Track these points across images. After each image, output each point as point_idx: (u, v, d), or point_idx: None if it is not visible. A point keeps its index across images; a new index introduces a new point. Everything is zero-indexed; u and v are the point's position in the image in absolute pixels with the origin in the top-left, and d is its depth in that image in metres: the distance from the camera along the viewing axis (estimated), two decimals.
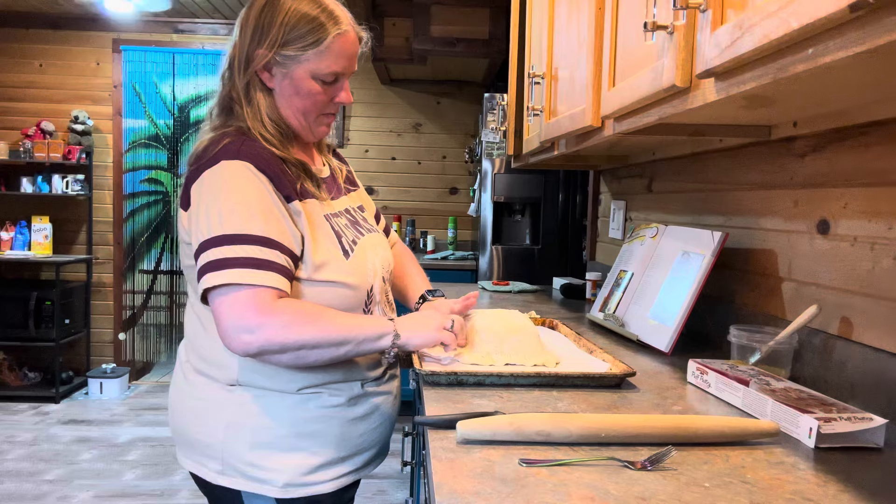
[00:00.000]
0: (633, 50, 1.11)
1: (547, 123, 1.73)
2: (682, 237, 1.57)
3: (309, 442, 1.10)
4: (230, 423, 1.09)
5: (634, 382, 1.19)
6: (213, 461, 1.10)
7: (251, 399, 1.09)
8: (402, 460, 1.74)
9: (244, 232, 1.00)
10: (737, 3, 0.76)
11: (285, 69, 1.09)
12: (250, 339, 0.97)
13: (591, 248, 2.75)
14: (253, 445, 1.08)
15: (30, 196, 4.48)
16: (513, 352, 1.23)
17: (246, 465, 1.08)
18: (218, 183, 1.03)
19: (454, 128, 4.78)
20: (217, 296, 1.00)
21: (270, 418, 1.08)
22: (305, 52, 1.08)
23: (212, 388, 1.11)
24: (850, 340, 1.10)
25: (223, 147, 1.05)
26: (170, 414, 1.19)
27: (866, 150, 1.08)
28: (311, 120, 1.15)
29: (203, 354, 1.13)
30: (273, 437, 1.08)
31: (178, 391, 1.17)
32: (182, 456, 1.17)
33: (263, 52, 1.08)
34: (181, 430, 1.15)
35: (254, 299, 0.98)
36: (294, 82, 1.10)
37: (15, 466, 3.23)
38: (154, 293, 4.75)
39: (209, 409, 1.11)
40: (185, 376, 1.16)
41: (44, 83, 4.59)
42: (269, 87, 1.11)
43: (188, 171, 1.08)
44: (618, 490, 0.73)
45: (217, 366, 1.10)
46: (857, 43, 0.58)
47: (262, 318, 0.97)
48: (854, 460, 0.85)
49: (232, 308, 0.98)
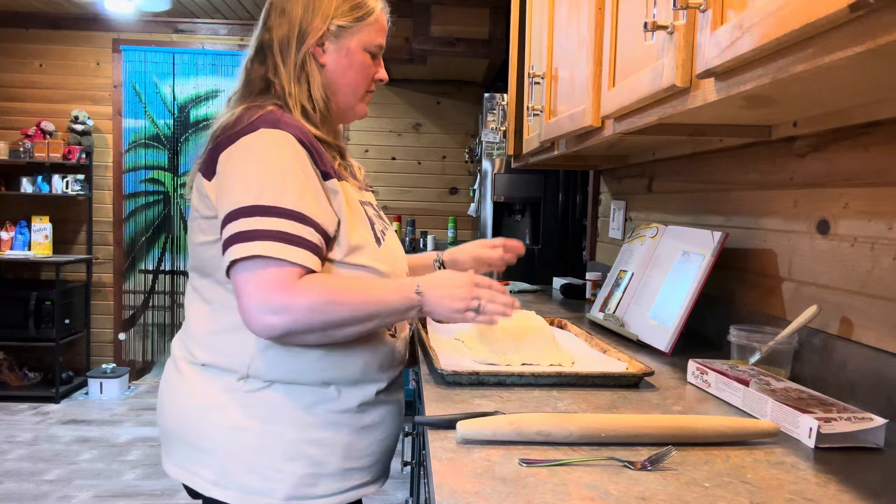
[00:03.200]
0: (633, 50, 1.11)
1: (547, 123, 1.73)
2: (682, 237, 1.56)
3: (316, 449, 1.04)
4: (233, 425, 1.02)
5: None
6: (208, 469, 1.03)
7: (258, 400, 1.03)
8: (402, 460, 1.74)
9: (278, 204, 0.95)
10: (737, 3, 0.76)
11: (339, 41, 1.10)
12: (275, 320, 0.92)
13: (591, 248, 2.75)
14: (256, 451, 1.01)
15: (30, 196, 4.48)
16: (529, 351, 1.25)
17: (245, 474, 1.02)
18: (256, 151, 0.98)
19: (454, 128, 4.78)
20: (242, 270, 0.94)
21: (277, 422, 1.02)
22: (359, 24, 1.11)
23: (214, 387, 1.04)
24: (850, 340, 1.10)
25: (262, 116, 1.01)
26: (160, 415, 1.11)
27: (866, 150, 1.08)
28: (358, 96, 1.15)
29: (208, 344, 1.06)
30: (278, 442, 1.02)
31: (171, 389, 1.10)
32: (170, 463, 1.09)
33: (318, 25, 1.08)
34: (173, 433, 1.08)
35: (280, 277, 0.93)
36: (349, 54, 1.11)
37: (15, 466, 3.23)
38: (154, 293, 4.76)
39: (209, 409, 1.03)
40: (181, 373, 1.08)
41: (44, 83, 4.59)
42: (321, 63, 1.10)
43: (215, 139, 1.03)
44: (618, 490, 0.73)
45: (225, 357, 1.04)
46: (857, 43, 0.58)
47: (287, 299, 0.92)
48: (854, 460, 0.85)
49: (258, 286, 0.93)
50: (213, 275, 1.06)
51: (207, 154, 1.04)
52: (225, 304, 1.04)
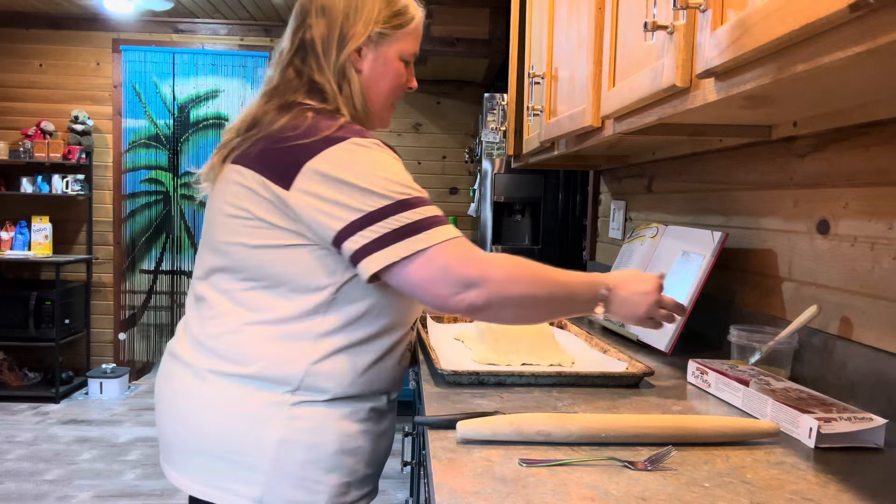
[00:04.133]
0: (633, 50, 1.11)
1: (547, 123, 1.73)
2: (682, 237, 1.57)
3: (349, 459, 1.02)
4: (282, 439, 0.97)
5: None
6: (252, 486, 0.97)
7: (305, 413, 0.99)
8: (402, 460, 1.74)
9: (421, 196, 0.95)
10: (737, 3, 0.76)
11: (377, 49, 1.08)
12: (474, 295, 0.91)
13: (591, 248, 2.75)
14: (303, 464, 0.98)
15: (30, 196, 4.48)
16: (529, 351, 1.25)
17: (291, 488, 0.98)
18: (364, 156, 0.95)
19: (454, 128, 4.78)
20: (412, 264, 0.91)
21: (322, 434, 1.00)
22: (397, 32, 1.08)
23: (258, 399, 0.98)
24: (850, 340, 1.10)
25: (343, 126, 0.98)
26: (180, 429, 1.03)
27: (866, 150, 1.08)
28: (389, 105, 1.14)
29: (254, 355, 0.99)
30: (322, 454, 0.99)
31: (197, 402, 1.01)
32: (190, 479, 1.01)
33: (360, 30, 1.05)
34: (207, 448, 1.00)
35: (464, 252, 0.92)
36: (385, 63, 1.09)
37: (15, 466, 3.23)
38: (154, 293, 4.75)
39: (256, 424, 0.98)
40: (210, 384, 1.00)
41: (44, 83, 4.59)
42: (357, 68, 1.07)
43: (282, 143, 0.96)
44: (618, 490, 0.73)
45: (275, 369, 0.98)
46: (857, 43, 0.58)
47: (481, 269, 0.92)
48: (854, 460, 0.85)
49: (444, 268, 0.91)
50: (268, 279, 1.00)
51: (272, 157, 0.97)
52: (276, 312, 0.99)
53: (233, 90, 4.66)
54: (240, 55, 4.66)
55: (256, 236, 0.98)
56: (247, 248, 0.99)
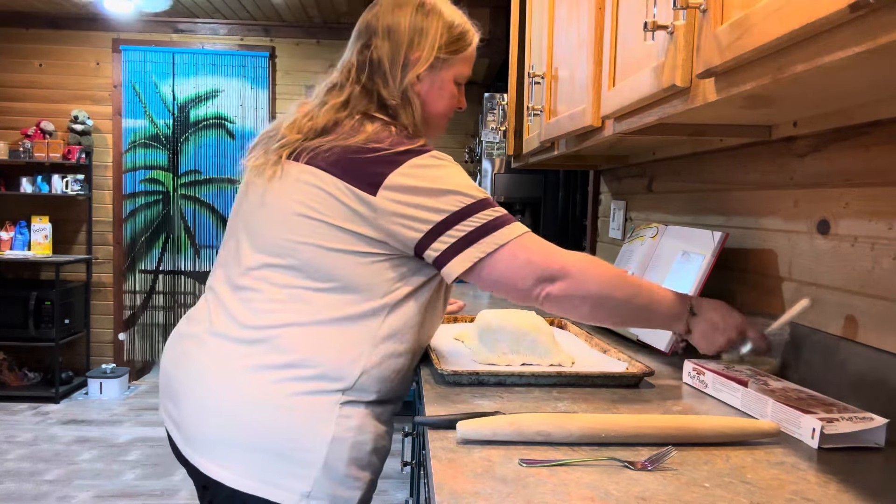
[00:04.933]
0: (633, 50, 1.11)
1: (547, 123, 1.73)
2: (682, 237, 1.56)
3: (378, 457, 1.08)
4: (334, 437, 1.00)
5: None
6: (302, 481, 0.98)
7: (353, 413, 1.02)
8: (402, 460, 1.74)
9: (488, 197, 1.02)
10: (737, 3, 0.76)
11: (435, 73, 1.12)
12: (555, 287, 0.98)
13: (591, 248, 2.75)
14: (348, 462, 1.02)
15: (30, 196, 4.48)
16: (529, 351, 1.25)
17: (337, 485, 1.00)
18: (443, 166, 1.03)
19: (454, 128, 4.78)
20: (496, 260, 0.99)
21: (364, 433, 1.03)
22: (455, 57, 1.13)
23: (316, 398, 1.00)
24: (850, 340, 1.10)
25: (424, 145, 1.05)
26: (222, 423, 1.01)
27: (866, 150, 1.08)
28: (442, 125, 1.20)
29: (313, 356, 1.01)
30: (362, 452, 1.03)
31: (252, 393, 1.01)
32: (236, 474, 0.99)
33: (424, 56, 1.10)
34: (257, 444, 1.00)
35: (543, 246, 0.99)
36: (442, 86, 1.14)
37: (15, 466, 3.23)
38: (154, 293, 4.76)
39: (312, 421, 1.00)
40: (260, 381, 1.00)
41: (44, 83, 4.59)
42: (416, 90, 1.12)
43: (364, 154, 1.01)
44: (618, 490, 0.73)
45: (332, 370, 1.01)
46: (857, 43, 0.58)
47: (561, 261, 0.99)
48: (854, 460, 0.85)
49: (527, 263, 0.98)
50: (339, 280, 1.02)
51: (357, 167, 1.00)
52: (340, 312, 1.02)
53: (233, 90, 4.66)
54: (240, 55, 4.66)
55: (331, 239, 1.01)
56: (320, 249, 1.01)
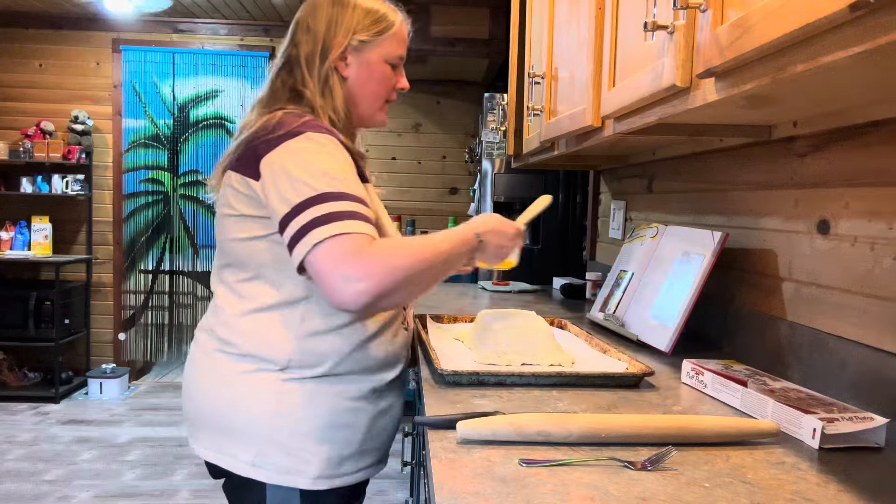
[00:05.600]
0: (633, 50, 1.11)
1: (547, 123, 1.73)
2: (682, 237, 1.56)
3: (341, 433, 1.11)
4: (276, 411, 1.08)
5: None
6: (247, 451, 1.09)
7: (297, 387, 1.08)
8: (402, 460, 1.74)
9: (344, 191, 1.00)
10: (737, 3, 0.76)
11: (361, 55, 1.18)
12: (361, 287, 0.95)
13: (591, 248, 2.75)
14: (292, 435, 1.08)
15: (30, 196, 4.48)
16: (529, 351, 1.25)
17: (283, 456, 1.08)
18: (310, 149, 1.03)
19: (454, 128, 4.78)
20: (317, 255, 0.97)
21: (313, 408, 1.09)
22: (379, 37, 1.18)
23: (252, 376, 1.09)
24: (850, 340, 1.10)
25: (306, 122, 1.07)
26: (189, 401, 1.16)
27: (866, 150, 1.08)
28: (378, 105, 1.23)
29: (247, 336, 1.10)
30: (312, 427, 1.09)
31: (202, 377, 1.14)
32: (201, 446, 1.14)
33: (340, 41, 1.16)
34: (209, 418, 1.13)
35: (353, 246, 0.96)
36: (370, 67, 1.18)
37: (15, 466, 3.23)
38: (154, 293, 4.75)
39: (253, 396, 1.09)
40: (214, 361, 1.13)
41: (44, 83, 4.59)
42: (343, 76, 1.18)
43: (254, 141, 1.07)
44: (618, 490, 0.73)
45: (265, 349, 1.09)
46: (857, 43, 0.58)
47: (366, 263, 0.96)
48: (854, 460, 0.85)
49: (335, 262, 0.96)
50: (255, 269, 1.10)
51: (246, 155, 1.07)
52: (261, 295, 1.09)
53: (233, 90, 4.65)
54: (240, 55, 4.66)
55: (244, 230, 1.09)
56: (238, 241, 1.10)
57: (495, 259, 1.17)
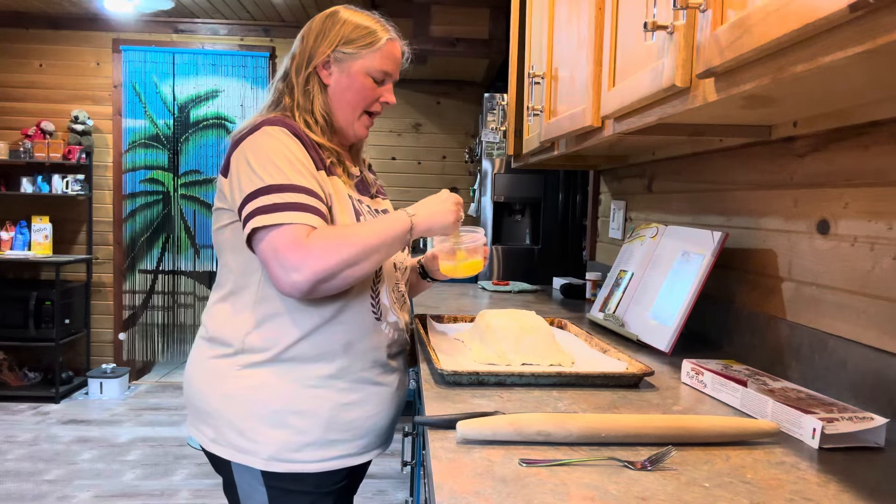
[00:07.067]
0: (633, 50, 1.11)
1: (547, 123, 1.73)
2: (682, 237, 1.57)
3: (297, 419, 1.14)
4: (226, 393, 1.15)
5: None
6: (208, 428, 1.18)
7: (248, 373, 1.14)
8: (402, 460, 1.74)
9: (290, 182, 1.08)
10: (737, 3, 0.76)
11: (342, 65, 1.24)
12: (298, 277, 1.03)
13: (591, 248, 2.75)
14: (244, 417, 1.14)
15: (30, 196, 4.48)
16: (529, 351, 1.25)
17: (236, 435, 1.14)
18: (260, 142, 1.13)
19: (454, 128, 4.78)
20: (260, 245, 1.07)
21: (265, 392, 1.14)
22: (363, 51, 1.24)
23: (216, 358, 1.17)
24: (850, 340, 1.10)
25: (265, 119, 1.17)
26: (184, 383, 1.27)
27: (866, 150, 1.08)
28: (356, 115, 1.27)
29: (213, 320, 1.20)
30: (265, 411, 1.14)
31: (191, 359, 1.25)
32: (188, 423, 1.25)
33: (324, 50, 1.23)
34: (187, 396, 1.24)
35: (290, 237, 1.04)
36: (350, 76, 1.24)
37: (15, 466, 3.23)
38: (154, 293, 4.75)
39: (210, 378, 1.18)
40: (197, 345, 1.24)
41: (44, 83, 4.59)
42: (325, 83, 1.24)
43: (230, 146, 1.18)
44: (618, 490, 0.73)
45: (224, 332, 1.17)
46: (857, 43, 0.58)
47: (301, 253, 1.03)
48: (854, 460, 0.85)
49: (275, 252, 1.04)
50: (223, 256, 1.21)
51: (225, 157, 1.19)
52: (227, 282, 1.19)
53: (233, 90, 4.66)
54: (240, 55, 4.66)
55: (217, 220, 1.21)
56: (215, 232, 1.22)
57: (443, 226, 1.23)
